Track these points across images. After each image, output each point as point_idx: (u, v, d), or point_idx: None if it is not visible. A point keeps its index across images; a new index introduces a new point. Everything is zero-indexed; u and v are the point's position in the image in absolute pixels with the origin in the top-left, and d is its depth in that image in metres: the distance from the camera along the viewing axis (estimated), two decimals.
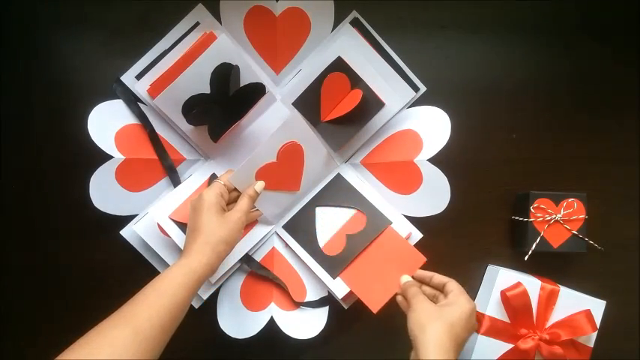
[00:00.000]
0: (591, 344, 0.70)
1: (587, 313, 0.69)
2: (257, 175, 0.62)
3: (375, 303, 0.67)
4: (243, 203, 0.58)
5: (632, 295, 0.77)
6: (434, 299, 0.62)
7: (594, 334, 0.70)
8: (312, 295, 0.70)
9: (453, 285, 0.61)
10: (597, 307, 0.70)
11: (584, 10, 0.73)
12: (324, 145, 0.68)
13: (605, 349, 0.72)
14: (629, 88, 0.75)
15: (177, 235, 0.63)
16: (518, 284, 0.69)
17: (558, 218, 0.71)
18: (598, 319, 0.70)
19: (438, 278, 0.63)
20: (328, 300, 0.70)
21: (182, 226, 0.64)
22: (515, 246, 0.74)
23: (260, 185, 0.61)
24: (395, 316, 0.74)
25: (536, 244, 0.70)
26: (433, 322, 0.54)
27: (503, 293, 0.69)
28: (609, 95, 0.75)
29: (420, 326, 0.55)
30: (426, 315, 0.56)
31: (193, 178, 0.68)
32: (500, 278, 0.70)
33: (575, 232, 0.71)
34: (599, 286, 0.73)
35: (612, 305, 0.71)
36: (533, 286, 0.69)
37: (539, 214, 0.71)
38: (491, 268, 0.74)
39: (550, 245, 0.71)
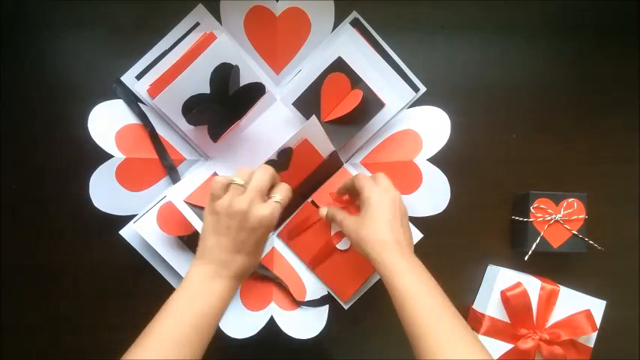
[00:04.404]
0: (591, 344, 0.70)
1: (587, 313, 0.69)
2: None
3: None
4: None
5: (632, 295, 0.77)
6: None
7: (594, 334, 0.70)
8: (312, 294, 0.70)
9: (358, 183, 0.59)
10: (597, 307, 0.71)
11: (584, 9, 0.73)
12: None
13: (605, 349, 0.72)
14: (630, 88, 0.75)
15: (192, 217, 0.62)
16: (518, 284, 0.69)
17: (558, 218, 0.71)
18: (598, 319, 0.70)
19: (348, 183, 0.62)
20: (328, 298, 0.70)
21: (196, 209, 0.63)
22: (515, 246, 0.74)
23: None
24: (395, 315, 0.74)
25: (536, 244, 0.70)
26: (364, 239, 0.55)
27: (503, 293, 0.69)
28: (609, 95, 0.75)
29: (360, 246, 0.56)
30: (356, 235, 0.56)
31: (208, 165, 0.68)
32: (500, 278, 0.70)
33: (575, 232, 0.71)
34: (599, 286, 0.73)
35: (612, 305, 0.71)
36: (533, 286, 0.69)
37: (539, 214, 0.71)
38: (491, 268, 0.74)
39: (550, 245, 0.71)
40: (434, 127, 0.69)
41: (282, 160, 0.62)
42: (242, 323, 0.68)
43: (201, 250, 0.54)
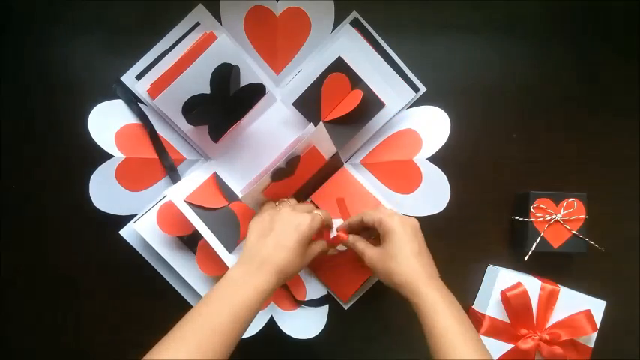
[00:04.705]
0: (591, 344, 0.70)
1: (587, 313, 0.69)
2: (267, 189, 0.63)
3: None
4: (318, 247, 0.60)
5: (632, 295, 0.77)
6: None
7: (594, 334, 0.70)
8: (312, 294, 0.70)
9: (371, 217, 0.60)
10: (597, 307, 0.70)
11: (584, 10, 0.73)
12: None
13: (605, 349, 0.72)
14: (629, 88, 0.75)
15: (192, 216, 0.62)
16: (518, 284, 0.69)
17: (558, 218, 0.71)
18: (598, 319, 0.70)
19: (355, 220, 0.63)
20: (328, 298, 0.70)
21: (196, 209, 0.63)
22: (515, 246, 0.74)
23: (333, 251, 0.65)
24: (395, 315, 0.74)
25: (536, 244, 0.70)
26: (395, 272, 0.56)
27: (503, 293, 0.69)
28: (609, 95, 0.75)
29: (389, 278, 0.57)
30: (383, 267, 0.57)
31: (208, 165, 0.68)
32: (500, 278, 0.70)
33: (575, 232, 0.71)
34: (599, 286, 0.73)
35: (612, 305, 0.71)
36: (533, 286, 0.69)
37: (539, 214, 0.71)
38: (491, 268, 0.74)
39: (550, 245, 0.71)
40: (434, 127, 0.69)
41: (289, 168, 0.62)
42: None
43: (244, 251, 0.56)
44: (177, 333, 0.48)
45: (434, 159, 0.69)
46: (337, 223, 0.69)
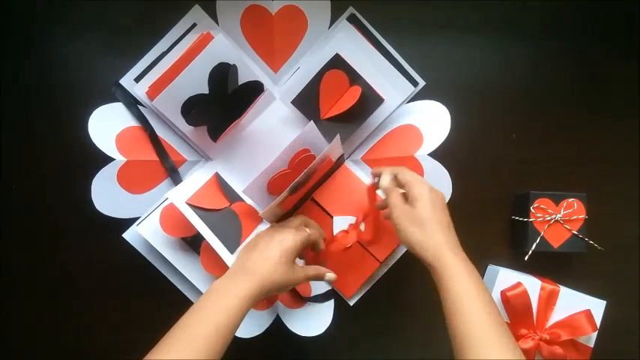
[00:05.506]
0: (591, 344, 0.70)
1: (587, 313, 0.69)
2: (269, 185, 0.62)
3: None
4: (312, 270, 0.62)
5: (632, 295, 0.77)
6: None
7: (594, 334, 0.69)
8: (317, 290, 0.70)
9: (405, 177, 0.60)
10: (597, 307, 0.70)
11: (584, 10, 0.73)
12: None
13: (605, 349, 0.72)
14: (629, 88, 0.75)
15: (194, 218, 0.62)
16: (518, 284, 0.69)
17: (558, 218, 0.71)
18: (598, 319, 0.70)
19: (385, 178, 0.62)
20: (334, 293, 0.70)
21: (198, 211, 0.63)
22: (515, 246, 0.74)
23: (331, 276, 0.64)
24: (401, 312, 0.74)
25: (536, 244, 0.70)
26: (421, 237, 0.56)
27: (503, 293, 0.69)
28: (609, 95, 0.75)
29: (410, 238, 0.57)
30: (408, 229, 0.57)
31: (209, 165, 0.69)
32: (500, 278, 0.70)
33: (575, 232, 0.71)
34: (599, 286, 0.73)
35: (612, 305, 0.71)
36: (533, 286, 0.69)
37: (539, 214, 0.71)
38: (491, 268, 0.74)
39: (550, 245, 0.71)
40: (434, 122, 0.69)
41: (305, 179, 0.62)
42: (248, 322, 0.68)
43: (230, 267, 0.58)
44: (169, 341, 0.49)
45: (434, 154, 0.69)
46: (342, 220, 0.69)
